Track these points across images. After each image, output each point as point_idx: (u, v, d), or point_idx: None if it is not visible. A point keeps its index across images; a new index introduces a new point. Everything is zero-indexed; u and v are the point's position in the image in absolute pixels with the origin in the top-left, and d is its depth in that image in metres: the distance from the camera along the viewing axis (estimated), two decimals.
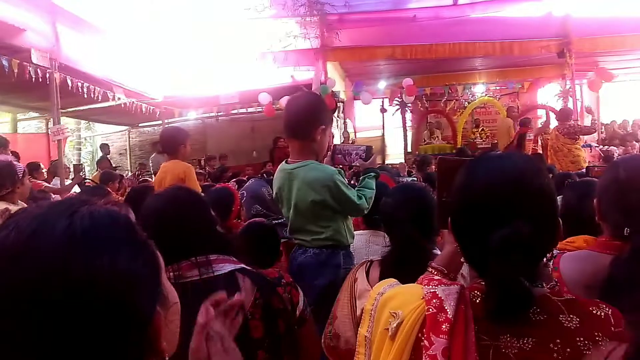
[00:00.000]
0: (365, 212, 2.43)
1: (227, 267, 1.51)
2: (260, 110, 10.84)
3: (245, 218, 2.90)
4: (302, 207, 2.39)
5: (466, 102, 12.26)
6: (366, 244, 2.52)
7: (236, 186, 4.96)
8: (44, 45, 5.96)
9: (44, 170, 7.59)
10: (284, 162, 2.54)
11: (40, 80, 6.13)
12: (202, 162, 11.05)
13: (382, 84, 12.13)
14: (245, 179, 6.54)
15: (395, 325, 1.03)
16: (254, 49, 9.54)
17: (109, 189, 4.13)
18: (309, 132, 2.42)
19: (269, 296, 1.51)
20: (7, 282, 0.56)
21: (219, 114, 11.86)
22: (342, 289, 1.97)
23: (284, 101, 9.37)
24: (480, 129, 12.86)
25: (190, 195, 1.65)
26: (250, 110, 12.00)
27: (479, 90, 12.39)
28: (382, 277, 1.74)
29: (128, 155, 13.92)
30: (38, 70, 6.05)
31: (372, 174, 2.53)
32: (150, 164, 10.55)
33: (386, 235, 2.10)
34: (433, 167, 6.09)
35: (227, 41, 10.82)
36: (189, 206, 1.57)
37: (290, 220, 2.49)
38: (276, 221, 2.97)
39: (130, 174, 10.60)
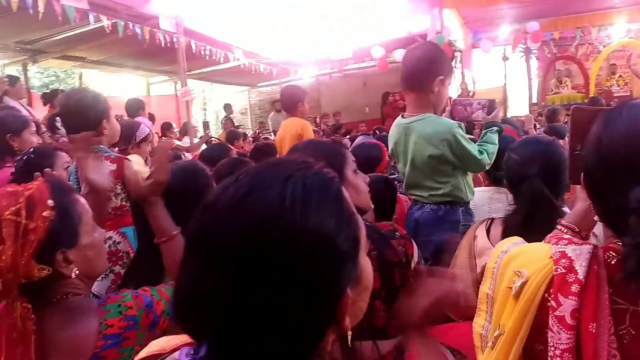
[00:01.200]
0: (487, 167, 2.33)
1: None
2: (373, 64, 10.70)
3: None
4: (419, 162, 2.35)
5: (601, 46, 11.06)
6: (488, 201, 2.43)
7: (349, 143, 5.02)
8: (170, 12, 6.35)
9: (176, 130, 8.23)
10: (399, 116, 2.50)
11: (168, 45, 6.56)
12: (317, 120, 11.25)
13: (503, 30, 11.31)
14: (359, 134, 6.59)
15: (519, 284, 0.99)
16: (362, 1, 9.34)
17: (234, 146, 4.38)
18: (426, 84, 2.34)
19: (383, 248, 1.53)
20: (221, 230, 0.62)
21: (332, 70, 11.91)
22: (460, 246, 1.93)
23: (397, 54, 9.25)
24: (617, 76, 11.59)
25: (332, 147, 1.67)
26: (363, 65, 11.88)
27: (617, 31, 11.09)
28: (505, 235, 1.67)
29: (249, 114, 14.58)
30: (166, 35, 6.48)
31: (495, 128, 2.41)
32: (270, 123, 10.96)
33: (509, 192, 2.01)
34: (563, 118, 5.64)
35: None
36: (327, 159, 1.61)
37: (406, 175, 2.47)
38: None
39: (251, 132, 11.12)
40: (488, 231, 1.85)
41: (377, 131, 6.46)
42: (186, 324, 0.66)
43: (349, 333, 0.69)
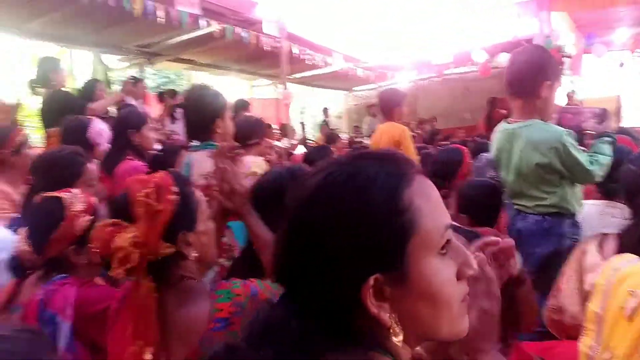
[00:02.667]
0: (597, 179, 2.20)
1: None
2: (475, 69, 10.37)
3: None
4: (524, 170, 2.26)
5: None
6: (599, 215, 2.29)
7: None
8: (273, 17, 6.57)
9: (275, 131, 8.51)
10: (503, 121, 2.43)
11: (271, 49, 6.81)
12: (413, 125, 11.09)
13: (620, 34, 10.48)
14: (458, 141, 6.42)
15: (634, 304, 0.94)
16: (466, 4, 9.08)
17: (333, 148, 4.45)
18: (534, 88, 2.25)
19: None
20: (300, 203, 0.72)
21: (431, 75, 11.70)
22: (569, 261, 1.84)
23: (501, 58, 8.89)
24: None
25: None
26: (464, 70, 11.56)
27: None
28: (620, 252, 1.58)
29: (345, 119, 14.70)
30: (269, 39, 6.72)
31: (608, 138, 2.27)
32: (364, 127, 10.99)
33: (625, 207, 1.88)
34: None
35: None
36: None
37: (510, 184, 2.38)
38: None
39: (347, 136, 11.21)
40: (600, 247, 1.75)
41: (476, 138, 6.26)
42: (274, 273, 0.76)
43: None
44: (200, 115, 2.46)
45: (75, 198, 1.71)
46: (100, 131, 3.09)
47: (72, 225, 1.65)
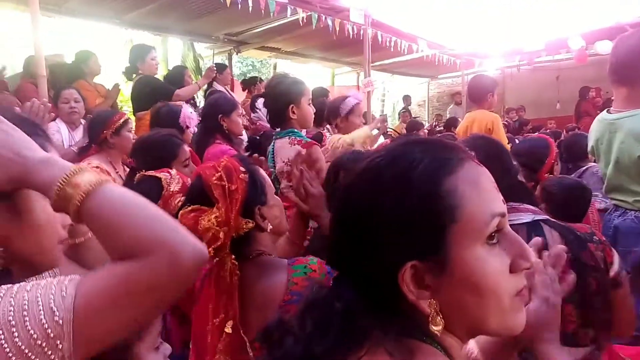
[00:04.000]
0: None
1: (529, 217, 1.48)
2: (569, 57, 9.76)
3: (558, 174, 2.72)
4: (625, 163, 2.11)
5: None
6: None
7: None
8: (359, 4, 6.53)
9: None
10: (604, 111, 2.28)
11: (355, 36, 6.78)
12: (500, 114, 10.66)
13: None
14: (548, 132, 6.10)
15: None
16: None
17: None
18: None
19: (579, 251, 1.42)
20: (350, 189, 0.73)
21: (521, 62, 11.15)
22: None
23: (600, 46, 8.29)
24: None
25: (489, 143, 1.66)
26: (556, 57, 10.90)
27: None
28: None
29: (426, 107, 14.42)
30: (354, 27, 6.69)
31: None
32: (448, 115, 10.72)
33: None
34: None
35: None
36: (485, 153, 1.57)
37: (608, 177, 2.24)
38: None
39: (427, 124, 10.99)
40: None
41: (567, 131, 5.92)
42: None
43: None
44: (276, 103, 2.55)
45: (173, 178, 1.82)
46: (191, 116, 3.24)
47: (167, 204, 1.76)
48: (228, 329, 1.31)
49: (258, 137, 2.76)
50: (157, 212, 0.73)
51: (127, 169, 2.72)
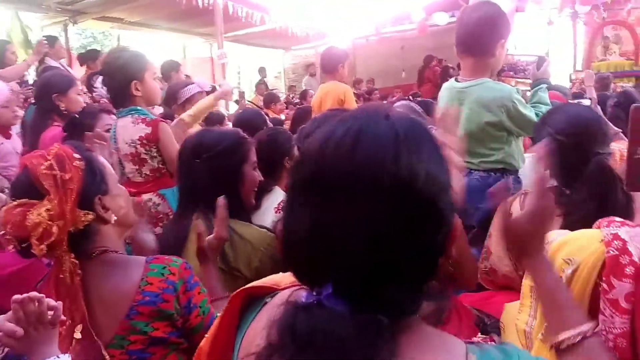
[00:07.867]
0: None
1: None
2: (413, 27, 10.38)
3: None
4: (472, 129, 2.25)
5: None
6: (531, 170, 2.32)
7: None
8: None
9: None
10: (452, 79, 2.40)
11: (205, 5, 6.48)
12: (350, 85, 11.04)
13: None
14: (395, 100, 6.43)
15: (570, 271, 0.94)
16: None
17: (271, 110, 4.31)
18: (489, 47, 2.23)
19: None
20: (345, 168, 0.62)
21: (370, 34, 11.62)
22: (493, 222, 1.81)
23: (437, 17, 8.93)
24: None
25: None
26: (401, 28, 11.53)
27: None
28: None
29: (282, 78, 14.45)
30: None
31: (544, 85, 2.28)
32: (303, 87, 10.84)
33: None
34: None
35: None
36: None
37: None
38: None
39: (284, 96, 11.01)
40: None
41: (411, 97, 6.29)
42: (303, 265, 0.67)
43: None
44: (116, 81, 2.32)
45: None
46: None
47: None
48: (77, 335, 1.21)
49: (77, 115, 2.49)
50: None
51: None
